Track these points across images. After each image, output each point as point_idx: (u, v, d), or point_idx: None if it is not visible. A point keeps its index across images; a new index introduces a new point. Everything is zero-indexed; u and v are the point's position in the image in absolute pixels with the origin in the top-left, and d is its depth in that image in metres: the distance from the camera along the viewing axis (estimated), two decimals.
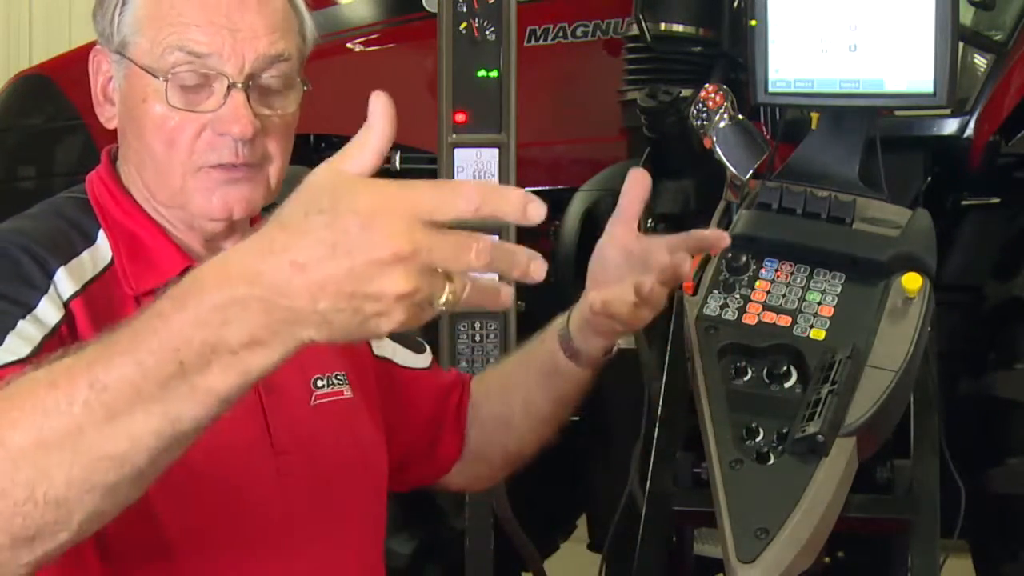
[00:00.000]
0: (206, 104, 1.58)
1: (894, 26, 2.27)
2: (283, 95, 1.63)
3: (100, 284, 1.57)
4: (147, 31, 1.58)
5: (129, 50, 1.60)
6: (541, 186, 3.52)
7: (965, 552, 3.12)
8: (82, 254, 1.58)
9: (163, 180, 1.61)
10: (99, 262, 1.59)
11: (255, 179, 1.62)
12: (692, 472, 2.33)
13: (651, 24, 3.16)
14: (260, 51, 1.58)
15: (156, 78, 1.57)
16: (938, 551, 2.38)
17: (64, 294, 1.52)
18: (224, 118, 1.57)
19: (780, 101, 2.50)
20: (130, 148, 1.64)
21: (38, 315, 1.48)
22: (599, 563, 2.96)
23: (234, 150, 1.58)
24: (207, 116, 1.58)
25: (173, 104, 1.57)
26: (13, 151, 3.90)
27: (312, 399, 1.69)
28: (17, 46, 7.71)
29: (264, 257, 1.07)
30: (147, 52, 1.58)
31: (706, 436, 2.04)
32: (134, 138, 1.62)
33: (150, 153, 1.60)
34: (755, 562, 1.87)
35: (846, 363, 2.02)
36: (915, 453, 2.42)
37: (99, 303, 1.55)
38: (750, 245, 2.23)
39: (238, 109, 1.57)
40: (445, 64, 2.78)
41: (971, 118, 3.07)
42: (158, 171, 1.61)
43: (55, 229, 1.59)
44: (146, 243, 1.62)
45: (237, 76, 1.57)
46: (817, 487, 1.94)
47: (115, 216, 1.63)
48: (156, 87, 1.57)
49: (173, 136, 1.58)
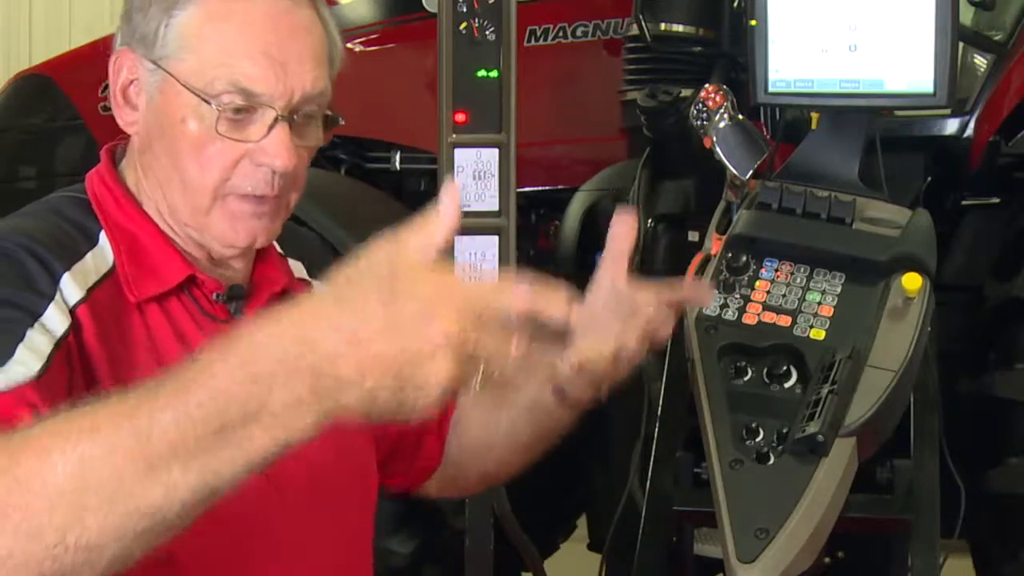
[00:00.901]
0: (249, 133, 1.56)
1: (894, 26, 2.27)
2: (316, 127, 1.62)
3: (103, 289, 1.54)
4: (197, 51, 1.55)
5: (172, 64, 1.56)
6: (541, 186, 3.52)
7: (965, 552, 3.12)
8: (86, 256, 1.55)
9: (190, 200, 1.59)
10: (102, 265, 1.57)
11: (279, 210, 1.62)
12: (692, 472, 2.33)
13: (651, 24, 3.15)
14: (307, 87, 1.57)
15: (206, 103, 1.54)
16: (938, 551, 2.38)
17: (70, 300, 1.49)
18: (267, 151, 1.56)
19: (780, 101, 2.50)
20: (156, 161, 1.60)
21: (45, 323, 1.45)
22: (599, 563, 2.96)
23: (270, 182, 1.57)
24: (248, 146, 1.56)
25: (221, 133, 1.55)
26: (13, 151, 3.90)
27: None
28: (17, 46, 7.71)
29: (320, 326, 1.11)
30: (195, 73, 1.55)
31: (706, 436, 2.04)
32: (164, 153, 1.59)
33: (181, 172, 1.58)
34: (755, 562, 1.87)
35: (846, 363, 2.02)
36: (915, 453, 2.42)
37: (103, 310, 1.53)
38: (750, 245, 2.24)
39: (283, 143, 1.56)
40: (445, 64, 2.77)
41: (971, 118, 3.07)
42: (186, 191, 1.58)
43: (57, 229, 1.56)
44: (147, 247, 1.60)
45: (283, 109, 1.56)
46: (817, 487, 1.94)
47: (116, 218, 1.61)
48: (202, 112, 1.55)
49: (211, 160, 1.56)
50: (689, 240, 3.03)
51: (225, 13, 1.56)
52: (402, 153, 3.53)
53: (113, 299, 1.55)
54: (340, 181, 3.52)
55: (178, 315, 1.59)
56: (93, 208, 1.61)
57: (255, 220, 1.60)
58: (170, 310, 1.59)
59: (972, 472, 2.82)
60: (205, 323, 1.60)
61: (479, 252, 2.77)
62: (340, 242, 3.01)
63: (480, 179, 2.76)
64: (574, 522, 3.84)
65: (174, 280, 1.59)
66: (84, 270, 1.54)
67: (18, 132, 3.90)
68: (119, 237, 1.60)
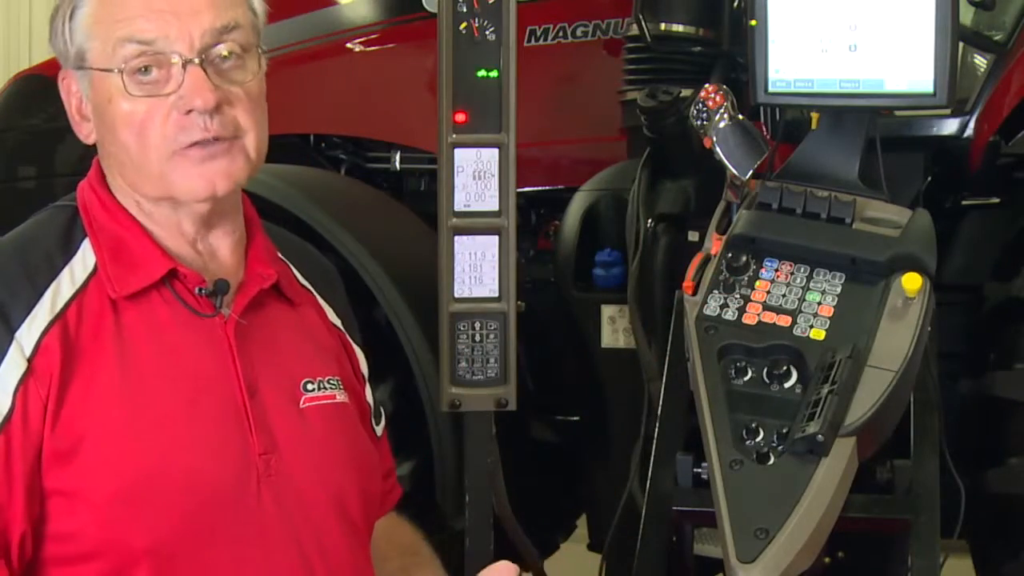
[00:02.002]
0: (167, 88, 1.60)
1: (894, 26, 2.27)
2: (242, 67, 1.65)
3: (81, 300, 1.59)
4: (97, 34, 1.61)
5: (87, 58, 1.62)
6: (541, 186, 3.52)
7: (965, 552, 3.12)
8: (60, 274, 1.60)
9: (143, 172, 1.63)
10: (81, 274, 1.61)
11: (232, 152, 1.63)
12: (692, 472, 2.33)
13: (651, 24, 3.15)
14: (206, 25, 1.61)
15: (112, 72, 1.59)
16: (938, 551, 2.38)
17: (29, 342, 1.54)
18: (186, 94, 1.60)
19: (780, 101, 2.50)
20: (108, 152, 1.66)
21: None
22: (599, 563, 2.96)
23: (202, 125, 1.60)
24: (171, 99, 1.60)
25: (133, 93, 1.60)
26: (13, 151, 3.90)
27: (301, 402, 1.69)
28: (17, 46, 7.71)
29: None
30: (101, 53, 1.61)
31: (706, 436, 2.04)
32: (110, 141, 1.64)
33: (125, 149, 1.62)
34: (755, 562, 1.87)
35: (846, 363, 2.02)
36: (915, 453, 2.42)
37: (83, 316, 1.57)
38: (750, 245, 2.24)
39: (196, 82, 1.59)
40: (445, 64, 2.77)
41: (971, 118, 3.07)
42: (136, 165, 1.63)
43: (27, 257, 1.61)
44: (130, 246, 1.64)
45: (189, 53, 1.60)
46: (817, 487, 1.95)
47: (102, 221, 1.65)
48: (116, 83, 1.60)
49: (143, 126, 1.61)
50: (689, 240, 3.03)
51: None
52: (402, 153, 3.53)
53: (93, 303, 1.59)
54: (340, 181, 3.52)
55: (158, 311, 1.61)
56: (80, 215, 1.66)
57: (207, 164, 1.62)
58: (150, 307, 1.62)
59: (972, 472, 2.82)
60: (189, 319, 1.61)
61: (479, 252, 2.77)
62: (340, 242, 3.01)
63: (480, 179, 2.76)
64: (574, 522, 3.84)
65: (155, 275, 1.61)
66: (56, 291, 1.58)
67: (18, 132, 3.89)
68: (103, 240, 1.64)
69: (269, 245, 1.76)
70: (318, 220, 3.02)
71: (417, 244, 3.20)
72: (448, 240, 2.77)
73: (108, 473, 1.52)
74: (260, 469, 1.61)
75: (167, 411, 1.57)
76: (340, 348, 1.81)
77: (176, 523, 1.54)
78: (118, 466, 1.53)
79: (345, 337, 1.83)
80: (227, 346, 1.63)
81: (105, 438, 1.53)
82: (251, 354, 1.64)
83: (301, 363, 1.70)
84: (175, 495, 1.54)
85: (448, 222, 2.76)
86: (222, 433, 1.59)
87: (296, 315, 1.74)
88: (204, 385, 1.60)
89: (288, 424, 1.65)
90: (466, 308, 2.79)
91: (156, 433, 1.55)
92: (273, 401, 1.65)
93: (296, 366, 1.69)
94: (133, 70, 1.59)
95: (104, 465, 1.53)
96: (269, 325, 1.69)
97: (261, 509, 1.60)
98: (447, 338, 2.80)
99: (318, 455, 1.67)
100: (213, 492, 1.57)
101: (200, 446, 1.57)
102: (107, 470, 1.52)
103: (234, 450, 1.60)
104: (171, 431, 1.56)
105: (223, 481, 1.58)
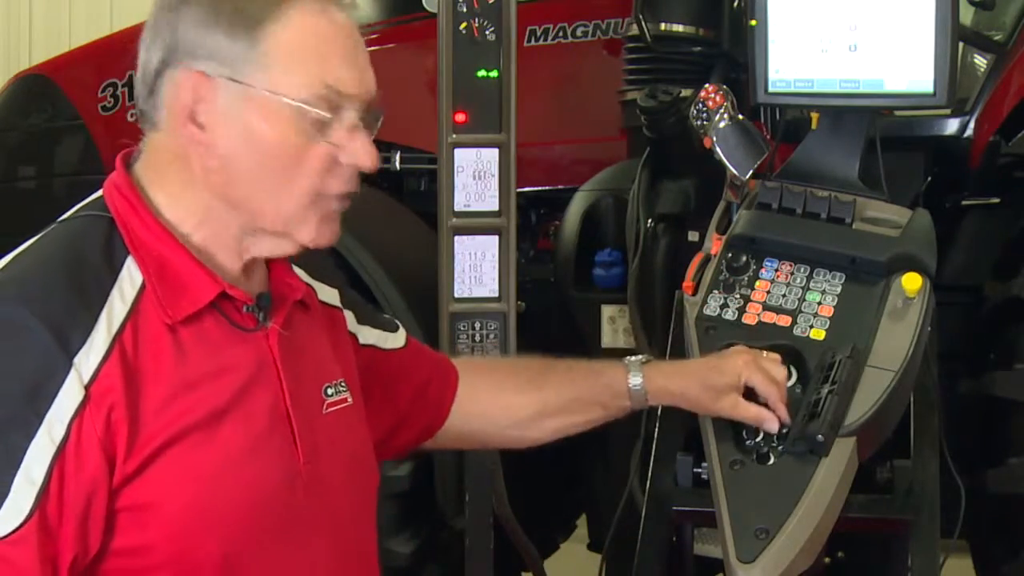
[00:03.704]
0: (333, 135, 1.60)
1: (894, 26, 2.27)
2: None
3: (135, 322, 1.55)
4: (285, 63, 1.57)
5: (259, 79, 1.57)
6: (541, 186, 3.52)
7: (965, 552, 3.12)
8: (111, 294, 1.55)
9: (284, 208, 1.60)
10: (129, 294, 1.56)
11: None
12: (692, 472, 2.33)
13: (651, 24, 3.16)
14: (373, 90, 1.63)
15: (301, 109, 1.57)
16: (938, 551, 2.38)
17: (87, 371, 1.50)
18: (357, 151, 1.60)
19: (780, 101, 2.50)
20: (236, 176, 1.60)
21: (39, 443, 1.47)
22: (599, 563, 2.96)
23: (356, 182, 1.63)
24: (330, 146, 1.59)
25: (306, 130, 1.58)
26: (13, 151, 3.90)
27: (324, 407, 1.70)
28: (17, 46, 7.72)
29: None
30: (286, 83, 1.57)
31: (706, 436, 2.04)
32: (254, 166, 1.59)
33: (258, 178, 1.59)
34: (755, 562, 1.87)
35: (846, 363, 2.02)
36: (915, 453, 2.42)
37: (132, 346, 1.53)
38: (750, 245, 2.24)
39: (368, 145, 1.62)
40: (445, 64, 2.78)
41: (971, 118, 3.08)
42: (281, 199, 1.60)
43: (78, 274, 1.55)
44: (176, 268, 1.60)
45: (362, 111, 1.62)
46: (817, 487, 1.95)
47: (143, 239, 1.60)
48: (291, 115, 1.57)
49: (309, 165, 1.59)
50: (689, 240, 3.03)
51: (312, 25, 1.59)
52: (402, 153, 3.53)
53: (148, 325, 1.56)
54: None
55: (210, 331, 1.60)
56: (118, 228, 1.60)
57: (339, 218, 1.65)
58: (202, 326, 1.60)
59: (972, 472, 2.82)
60: (236, 335, 1.61)
61: (479, 252, 2.77)
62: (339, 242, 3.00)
63: (480, 179, 2.76)
64: (574, 522, 3.84)
65: (206, 298, 1.59)
66: (110, 314, 1.53)
67: (18, 132, 3.90)
68: (147, 259, 1.59)
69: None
70: None
71: (417, 244, 3.20)
72: (448, 240, 2.77)
73: (180, 485, 1.53)
74: (305, 476, 1.62)
75: (229, 427, 1.57)
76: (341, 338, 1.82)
77: (238, 532, 1.56)
78: (189, 478, 1.53)
79: (340, 317, 1.84)
80: (271, 359, 1.63)
81: (175, 453, 1.53)
82: (291, 364, 1.65)
83: (322, 369, 1.72)
84: (238, 505, 1.56)
85: (448, 222, 2.77)
86: (276, 444, 1.61)
87: (311, 319, 1.75)
88: (256, 399, 1.60)
89: (320, 430, 1.67)
90: (466, 308, 2.80)
91: (223, 450, 1.56)
92: (309, 409, 1.67)
93: (319, 372, 1.71)
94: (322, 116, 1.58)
95: (177, 478, 1.53)
96: (298, 334, 1.70)
97: (306, 514, 1.63)
98: (447, 338, 2.80)
99: (343, 458, 1.69)
100: (268, 500, 1.58)
101: (259, 460, 1.59)
102: (179, 483, 1.53)
103: (283, 459, 1.61)
104: (235, 447, 1.57)
105: (277, 489, 1.60)
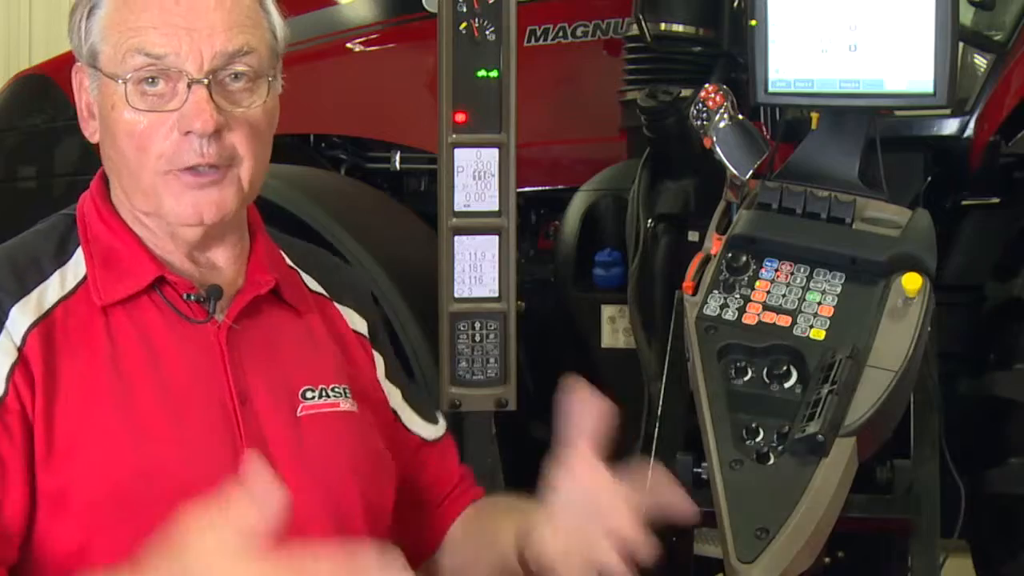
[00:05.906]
0: (170, 104, 1.58)
1: (894, 26, 2.27)
2: (250, 92, 1.62)
3: (72, 302, 1.59)
4: (110, 38, 1.59)
5: (98, 60, 1.61)
6: (541, 186, 3.52)
7: (965, 552, 3.12)
8: (50, 277, 1.60)
9: (136, 185, 1.61)
10: (71, 280, 1.61)
11: (224, 181, 1.61)
12: (692, 472, 2.33)
13: (651, 24, 3.15)
14: (218, 47, 1.58)
15: (118, 81, 1.58)
16: (938, 551, 2.38)
17: (19, 330, 1.55)
18: (187, 114, 1.57)
19: (780, 101, 2.50)
20: (108, 158, 1.65)
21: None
22: None
23: (199, 150, 1.58)
24: (174, 116, 1.58)
25: (135, 105, 1.58)
26: (13, 151, 3.90)
27: (298, 410, 1.67)
28: (17, 46, 7.71)
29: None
30: (111, 59, 1.59)
31: (706, 436, 2.04)
32: (109, 146, 1.63)
33: (123, 159, 1.61)
34: (755, 562, 1.87)
35: (846, 363, 2.02)
36: (915, 453, 2.42)
37: (68, 322, 1.58)
38: (750, 245, 2.24)
39: (199, 103, 1.57)
40: (445, 64, 2.77)
41: (971, 118, 3.07)
42: (131, 176, 1.61)
43: (24, 255, 1.62)
44: (121, 254, 1.63)
45: (197, 73, 1.57)
46: (817, 487, 1.94)
47: (96, 231, 1.65)
48: (121, 91, 1.58)
49: (143, 140, 1.59)
50: (689, 240, 3.03)
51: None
52: (402, 153, 3.53)
53: (82, 309, 1.59)
54: (340, 181, 3.52)
55: (149, 317, 1.61)
56: (77, 225, 1.66)
57: (198, 192, 1.60)
58: (139, 313, 1.61)
59: (972, 472, 2.82)
60: (180, 325, 1.61)
61: (479, 252, 2.77)
62: (340, 242, 3.01)
63: (480, 179, 2.76)
64: None
65: (143, 281, 1.61)
66: (43, 292, 1.59)
67: (18, 132, 3.90)
68: (95, 250, 1.63)
69: (272, 251, 1.75)
70: (318, 220, 3.02)
71: (417, 244, 3.20)
72: (448, 240, 2.77)
73: (96, 477, 1.52)
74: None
75: (155, 416, 1.56)
76: (357, 355, 1.79)
77: (160, 530, 1.53)
78: (106, 470, 1.52)
79: (367, 343, 1.81)
80: (219, 352, 1.61)
81: (94, 442, 1.52)
82: (244, 361, 1.63)
83: (301, 371, 1.68)
84: (162, 501, 1.51)
85: (448, 222, 2.77)
86: (210, 440, 1.58)
87: (300, 323, 1.72)
88: (193, 391, 1.59)
89: (281, 433, 1.63)
90: (466, 308, 2.80)
91: (144, 438, 1.54)
92: (267, 409, 1.63)
93: (296, 374, 1.67)
94: (139, 80, 1.58)
95: (92, 469, 1.52)
96: (268, 333, 1.67)
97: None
98: (447, 338, 2.80)
99: (313, 465, 1.64)
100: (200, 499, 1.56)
101: (187, 453, 1.56)
102: (95, 474, 1.52)
103: (222, 458, 1.57)
104: (159, 437, 1.55)
105: (210, 488, 1.57)
